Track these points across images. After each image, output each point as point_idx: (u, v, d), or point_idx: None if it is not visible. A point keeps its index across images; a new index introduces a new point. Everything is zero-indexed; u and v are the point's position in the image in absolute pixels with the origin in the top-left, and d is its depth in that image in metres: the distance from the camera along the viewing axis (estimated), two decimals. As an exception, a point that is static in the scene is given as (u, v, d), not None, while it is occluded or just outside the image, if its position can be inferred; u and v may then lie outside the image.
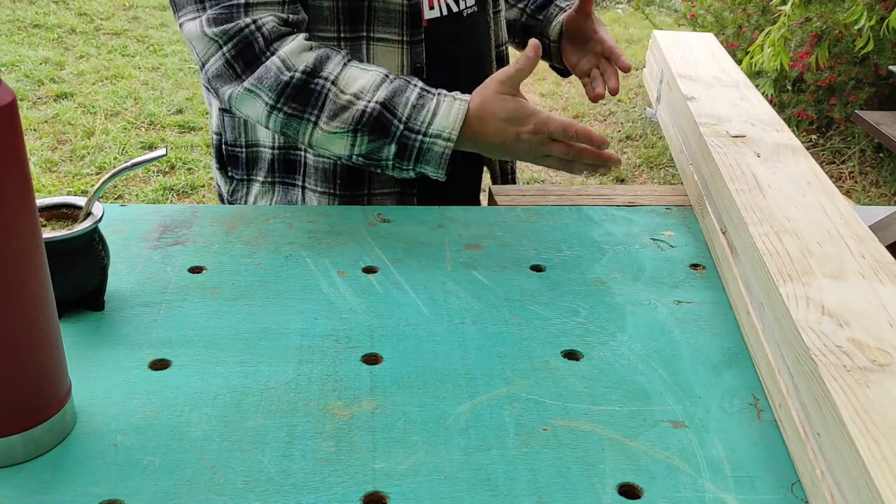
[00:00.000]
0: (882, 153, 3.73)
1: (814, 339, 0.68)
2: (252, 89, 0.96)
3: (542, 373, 0.78)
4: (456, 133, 0.96)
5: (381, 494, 0.63)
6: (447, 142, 0.96)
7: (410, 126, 0.96)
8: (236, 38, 0.95)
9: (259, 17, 0.96)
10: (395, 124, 0.96)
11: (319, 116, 0.96)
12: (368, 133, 0.96)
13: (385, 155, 0.97)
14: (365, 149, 0.97)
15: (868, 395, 0.61)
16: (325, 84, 0.96)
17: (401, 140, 0.96)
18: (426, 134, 0.96)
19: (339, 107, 0.96)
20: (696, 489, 0.65)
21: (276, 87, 0.95)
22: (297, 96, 0.96)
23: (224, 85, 0.97)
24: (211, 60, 0.97)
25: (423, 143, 0.96)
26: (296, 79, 0.95)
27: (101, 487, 0.62)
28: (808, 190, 0.94)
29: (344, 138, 0.97)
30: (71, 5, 5.45)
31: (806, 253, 0.81)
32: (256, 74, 0.96)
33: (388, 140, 0.96)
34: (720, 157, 1.01)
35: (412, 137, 0.96)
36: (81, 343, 0.79)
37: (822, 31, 3.65)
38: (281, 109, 0.96)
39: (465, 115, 0.97)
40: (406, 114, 0.96)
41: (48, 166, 3.36)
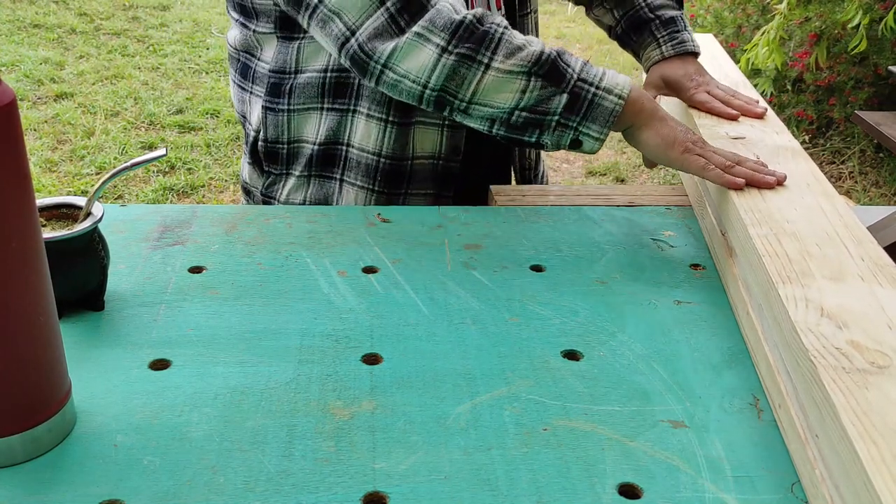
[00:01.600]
0: (882, 153, 3.73)
1: (812, 341, 0.68)
2: (423, 33, 0.93)
3: (542, 373, 0.78)
4: (626, 92, 0.93)
5: (381, 494, 0.63)
6: (619, 98, 0.93)
7: (584, 77, 0.93)
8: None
9: None
10: (570, 73, 0.93)
11: (495, 55, 0.92)
12: (544, 77, 0.92)
13: (554, 106, 0.93)
14: (535, 97, 0.93)
15: (867, 397, 0.61)
16: (498, 28, 0.93)
17: (574, 90, 0.93)
18: (599, 87, 0.93)
19: (516, 47, 0.93)
20: (696, 489, 0.65)
21: (449, 27, 0.92)
22: (471, 36, 0.92)
23: (385, 42, 0.94)
24: (369, 21, 0.94)
25: (595, 94, 0.93)
26: (468, 20, 0.93)
27: (101, 487, 0.63)
28: (808, 192, 0.94)
29: (517, 81, 0.93)
30: (71, 5, 5.45)
31: (805, 255, 0.81)
32: (427, 17, 0.93)
33: (560, 88, 0.93)
34: (720, 157, 1.01)
35: (585, 88, 0.93)
36: (81, 343, 0.79)
37: (821, 31, 3.65)
38: (453, 51, 0.92)
39: (631, 84, 0.95)
40: (578, 66, 0.94)
41: (48, 166, 3.36)
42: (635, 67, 5.04)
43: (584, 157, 3.86)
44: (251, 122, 1.19)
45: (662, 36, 1.20)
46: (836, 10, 3.50)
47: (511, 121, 0.95)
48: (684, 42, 1.19)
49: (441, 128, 1.13)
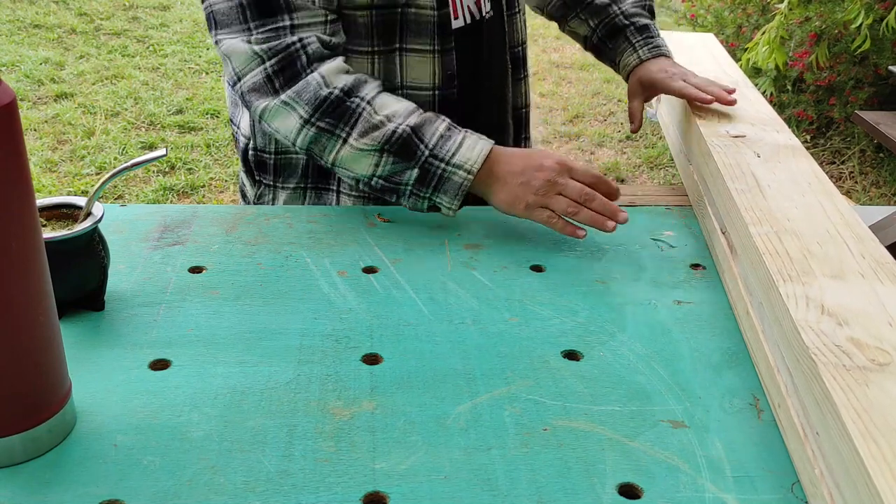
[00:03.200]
0: (882, 153, 3.73)
1: (813, 339, 0.68)
2: (289, 102, 0.99)
3: (542, 373, 0.78)
4: (477, 167, 0.98)
5: (381, 494, 0.63)
6: (468, 174, 0.98)
7: (435, 153, 0.98)
8: (282, 55, 0.98)
9: (305, 36, 0.99)
10: (421, 149, 0.98)
11: (350, 133, 0.99)
12: (395, 154, 0.98)
13: (406, 179, 0.99)
14: (388, 170, 0.99)
15: (867, 395, 0.61)
16: (361, 103, 0.99)
17: (424, 165, 0.98)
18: (449, 163, 0.98)
19: (372, 125, 0.99)
20: (696, 489, 0.65)
21: (313, 101, 0.98)
22: (332, 112, 0.99)
23: (260, 98, 1.00)
24: (250, 75, 1.00)
25: (444, 170, 0.98)
26: (333, 95, 0.98)
27: (101, 487, 0.62)
28: (808, 190, 0.94)
29: (370, 157, 0.99)
30: (71, 5, 5.45)
31: (806, 253, 0.81)
32: (296, 88, 0.99)
33: (412, 163, 0.99)
34: (720, 157, 1.01)
35: (435, 164, 0.98)
36: (81, 343, 0.79)
37: (821, 31, 3.65)
38: (314, 124, 0.99)
39: (488, 153, 0.99)
40: (433, 142, 0.99)
41: (48, 166, 3.36)
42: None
43: (584, 156, 3.86)
44: (241, 127, 1.19)
45: (638, 41, 1.25)
46: (836, 10, 3.49)
47: (371, 184, 1.02)
48: (659, 46, 1.25)
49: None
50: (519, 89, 1.27)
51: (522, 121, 1.29)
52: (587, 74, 4.93)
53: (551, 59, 5.09)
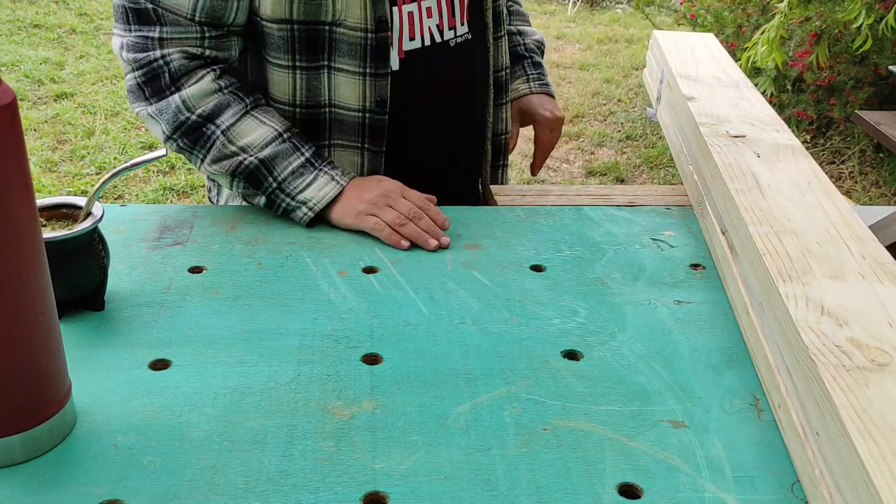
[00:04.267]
0: (882, 153, 3.73)
1: (813, 339, 0.68)
2: (154, 116, 1.04)
3: (542, 373, 0.78)
4: (320, 207, 1.03)
5: (381, 494, 0.63)
6: (309, 210, 1.03)
7: (283, 188, 1.03)
8: (146, 69, 1.03)
9: (169, 52, 1.02)
10: (269, 181, 1.03)
11: (206, 156, 1.04)
12: (245, 180, 1.04)
13: (257, 202, 1.05)
14: (241, 191, 1.05)
15: (867, 395, 0.61)
16: (216, 132, 1.03)
17: (270, 196, 1.04)
18: (294, 198, 1.03)
19: (223, 154, 1.03)
20: (696, 489, 0.65)
21: (172, 123, 1.03)
22: (190, 135, 1.03)
23: (135, 101, 1.06)
24: (127, 77, 1.05)
25: (289, 204, 1.03)
26: (191, 121, 1.03)
27: (101, 487, 0.62)
28: (808, 190, 0.94)
29: (224, 178, 1.05)
30: (71, 5, 5.45)
31: (806, 253, 0.81)
32: (159, 106, 1.03)
33: (259, 192, 1.04)
34: (720, 157, 1.01)
35: (281, 197, 1.03)
36: (81, 343, 0.79)
37: (821, 31, 3.65)
38: (175, 141, 1.04)
39: (334, 196, 1.03)
40: (283, 176, 1.03)
41: (48, 166, 3.36)
42: (634, 67, 5.04)
43: (584, 156, 3.86)
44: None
45: (532, 74, 1.37)
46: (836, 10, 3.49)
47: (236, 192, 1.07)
48: (548, 84, 1.38)
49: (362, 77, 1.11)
50: (500, 114, 1.26)
51: (501, 147, 1.29)
52: (587, 74, 4.93)
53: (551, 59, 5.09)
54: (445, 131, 1.19)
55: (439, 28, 1.11)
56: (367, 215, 1.02)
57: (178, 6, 1.00)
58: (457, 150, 1.22)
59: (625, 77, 4.94)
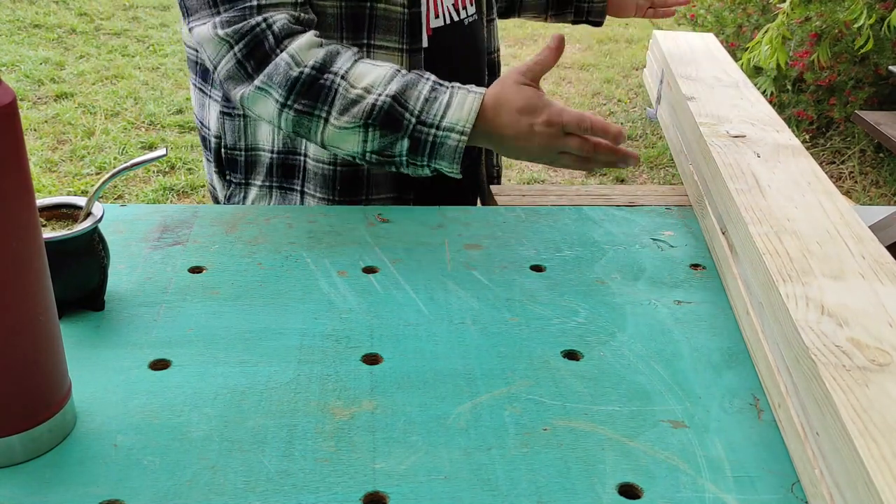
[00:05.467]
0: (882, 153, 3.73)
1: (813, 339, 0.68)
2: (263, 87, 0.95)
3: (542, 373, 0.78)
4: (470, 125, 0.94)
5: (381, 494, 0.63)
6: (461, 135, 0.94)
7: (423, 119, 0.94)
8: (248, 38, 0.95)
9: (270, 15, 0.95)
10: (406, 118, 0.94)
11: (330, 112, 0.95)
12: (380, 127, 0.94)
13: (398, 150, 0.96)
14: (378, 144, 0.96)
15: (867, 395, 0.61)
16: (335, 79, 0.94)
17: (413, 134, 0.94)
18: (439, 127, 0.94)
19: (350, 101, 0.94)
20: (696, 489, 0.65)
21: (285, 84, 0.94)
22: (307, 92, 0.94)
23: (237, 86, 0.97)
24: (223, 62, 0.97)
25: (436, 136, 0.94)
26: (305, 74, 0.94)
27: (101, 487, 0.62)
28: (808, 190, 0.94)
29: (356, 133, 0.95)
30: (71, 5, 5.45)
31: (805, 253, 0.81)
32: (267, 71, 0.95)
33: (400, 134, 0.94)
34: (720, 157, 1.01)
35: (425, 131, 0.94)
36: (81, 343, 0.79)
37: (821, 31, 3.65)
38: (292, 107, 0.95)
39: (479, 106, 0.94)
40: (419, 107, 0.94)
41: (48, 166, 3.36)
42: (634, 67, 5.04)
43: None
44: (210, 127, 1.17)
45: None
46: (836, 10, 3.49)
47: (367, 159, 0.98)
48: None
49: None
50: None
51: None
52: (587, 74, 4.93)
53: (551, 59, 5.08)
54: None
55: (455, 7, 1.13)
56: (558, 153, 0.95)
57: None
58: None
59: (625, 77, 4.94)
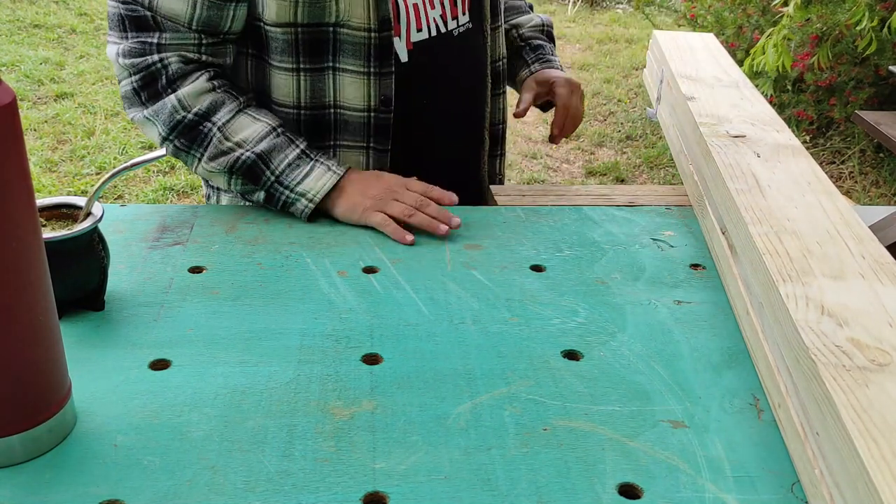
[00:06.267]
0: (882, 153, 3.73)
1: (813, 339, 0.68)
2: (150, 118, 1.05)
3: (542, 373, 0.78)
4: (319, 197, 1.03)
5: (381, 494, 0.63)
6: (310, 202, 1.03)
7: (281, 180, 1.03)
8: (143, 73, 1.03)
9: (167, 56, 1.03)
10: (266, 175, 1.04)
11: (203, 155, 1.04)
12: (242, 177, 1.04)
13: (256, 198, 1.06)
14: (240, 188, 1.06)
15: (867, 395, 0.61)
16: (213, 129, 1.04)
17: (269, 190, 1.04)
18: (293, 190, 1.03)
19: (220, 151, 1.04)
20: (696, 489, 0.65)
21: (168, 123, 1.04)
22: (187, 134, 1.04)
23: (131, 107, 1.07)
24: (122, 84, 1.06)
25: (288, 197, 1.04)
26: (187, 119, 1.03)
27: (101, 487, 0.62)
28: (808, 190, 0.94)
29: (222, 176, 1.05)
30: (71, 5, 5.45)
31: (806, 253, 0.81)
32: (155, 108, 1.04)
33: (258, 187, 1.04)
34: (720, 157, 1.01)
35: (280, 190, 1.04)
36: (81, 343, 0.79)
37: (822, 33, 3.65)
38: (172, 142, 1.05)
39: (332, 185, 1.03)
40: (280, 169, 1.04)
41: (48, 166, 3.36)
42: (634, 67, 5.04)
43: (584, 156, 3.86)
44: None
45: (531, 58, 1.33)
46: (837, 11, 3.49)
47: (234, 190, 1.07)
48: (550, 60, 1.32)
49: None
50: (497, 104, 1.27)
51: (499, 136, 1.29)
52: (587, 74, 4.93)
53: (551, 59, 5.08)
54: (452, 122, 1.20)
55: (443, 18, 1.13)
56: (373, 211, 1.02)
57: (177, 15, 1.01)
58: (462, 140, 1.23)
59: (625, 77, 4.94)
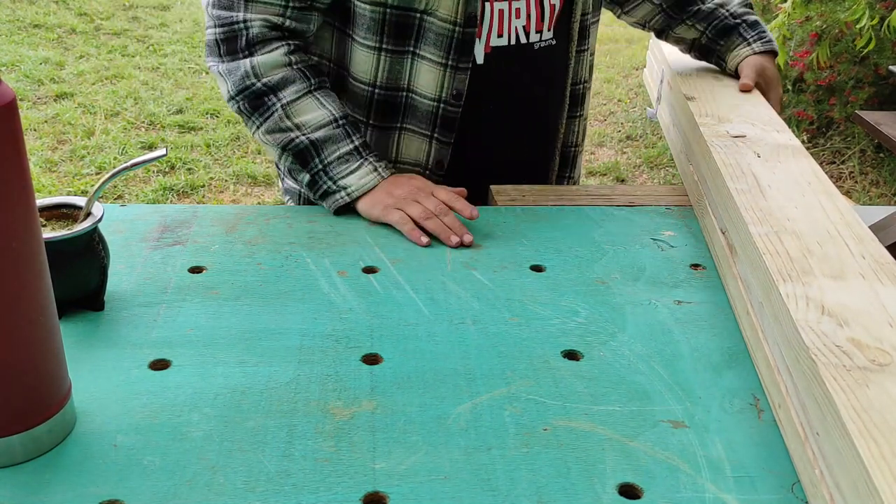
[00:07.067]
0: (882, 153, 3.73)
1: (813, 339, 0.68)
2: (223, 74, 1.08)
3: (542, 373, 0.78)
4: (357, 194, 1.06)
5: (381, 494, 0.63)
6: (348, 196, 1.06)
7: (327, 171, 1.07)
8: (226, 28, 1.06)
9: (252, 17, 1.05)
10: (315, 162, 1.07)
11: (261, 125, 1.08)
12: (293, 156, 1.08)
13: (300, 178, 1.09)
14: (289, 165, 1.09)
15: (867, 395, 0.61)
16: (276, 104, 1.06)
17: (314, 176, 1.07)
18: (336, 182, 1.06)
19: (278, 127, 1.07)
20: (696, 489, 0.65)
21: (238, 85, 1.06)
22: (252, 101, 1.07)
23: (210, 56, 1.10)
24: (208, 31, 1.09)
25: (329, 187, 1.07)
26: (255, 87, 1.06)
27: (101, 487, 0.62)
28: (808, 190, 0.94)
29: (274, 150, 1.09)
30: (71, 5, 5.45)
31: (806, 253, 0.81)
32: (230, 66, 1.07)
33: (305, 170, 1.07)
34: (720, 157, 1.01)
35: (324, 178, 1.07)
36: (81, 343, 0.79)
37: (821, 31, 3.65)
38: (237, 103, 1.08)
39: (372, 186, 1.06)
40: (329, 160, 1.06)
41: (48, 166, 3.36)
42: (634, 67, 5.04)
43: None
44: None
45: (751, 35, 1.29)
46: (836, 10, 3.49)
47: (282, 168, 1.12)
48: (770, 41, 1.30)
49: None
50: (572, 127, 1.26)
51: (570, 159, 1.29)
52: (587, 74, 4.92)
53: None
54: (517, 132, 1.20)
55: (525, 30, 1.14)
56: (393, 209, 1.04)
57: None
58: (525, 152, 1.23)
59: (625, 77, 4.94)
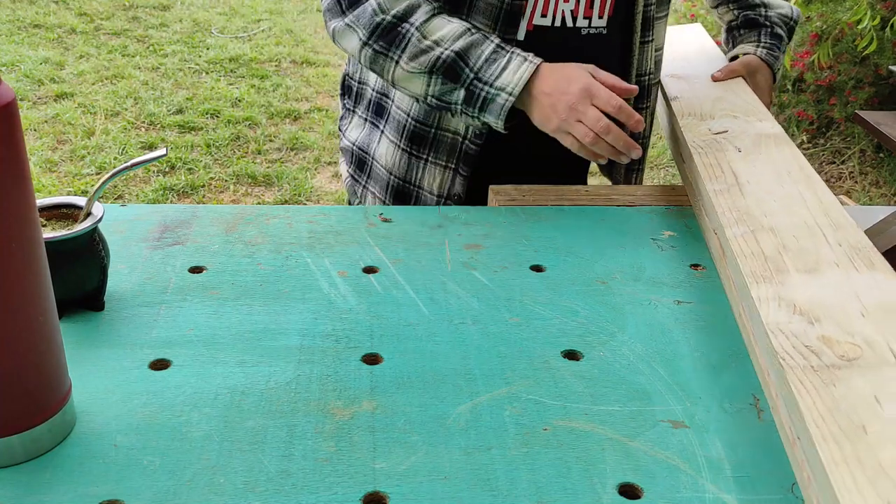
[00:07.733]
0: (882, 153, 3.73)
1: (783, 342, 0.68)
2: (351, 24, 1.10)
3: (542, 373, 0.78)
4: (518, 89, 1.05)
5: (381, 494, 0.63)
6: (509, 95, 1.05)
7: (480, 76, 1.06)
8: None
9: None
10: (466, 72, 1.06)
11: (402, 56, 1.08)
12: (442, 76, 1.07)
13: (454, 98, 1.08)
14: (438, 90, 1.08)
15: (833, 395, 0.61)
16: (411, 29, 1.07)
17: (469, 87, 1.07)
18: (492, 85, 1.06)
19: (420, 50, 1.07)
20: (696, 489, 0.65)
21: (369, 26, 1.08)
22: (385, 36, 1.08)
23: (332, 18, 1.12)
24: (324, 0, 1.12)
25: (488, 93, 1.06)
26: (386, 21, 1.08)
27: (101, 487, 0.63)
28: (788, 180, 0.94)
29: (420, 78, 1.08)
30: (71, 5, 5.45)
31: (781, 250, 0.81)
32: (355, 13, 1.09)
33: (458, 85, 1.07)
34: (700, 157, 1.02)
35: (479, 86, 1.06)
36: (81, 343, 0.79)
37: (822, 31, 3.65)
38: (371, 46, 1.09)
39: (529, 75, 1.05)
40: (478, 65, 1.06)
41: (48, 166, 3.36)
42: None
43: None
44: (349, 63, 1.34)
45: (765, 42, 1.33)
46: (837, 10, 3.49)
47: (428, 102, 1.12)
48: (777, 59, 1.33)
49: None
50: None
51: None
52: (587, 74, 4.92)
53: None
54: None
55: (573, 14, 1.14)
56: (563, 133, 1.06)
57: None
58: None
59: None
